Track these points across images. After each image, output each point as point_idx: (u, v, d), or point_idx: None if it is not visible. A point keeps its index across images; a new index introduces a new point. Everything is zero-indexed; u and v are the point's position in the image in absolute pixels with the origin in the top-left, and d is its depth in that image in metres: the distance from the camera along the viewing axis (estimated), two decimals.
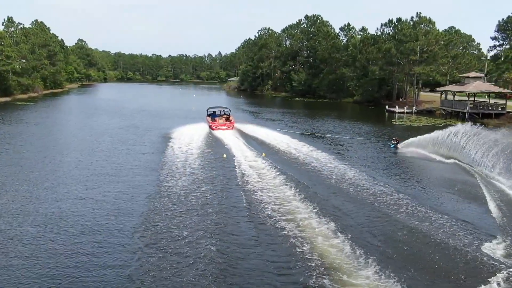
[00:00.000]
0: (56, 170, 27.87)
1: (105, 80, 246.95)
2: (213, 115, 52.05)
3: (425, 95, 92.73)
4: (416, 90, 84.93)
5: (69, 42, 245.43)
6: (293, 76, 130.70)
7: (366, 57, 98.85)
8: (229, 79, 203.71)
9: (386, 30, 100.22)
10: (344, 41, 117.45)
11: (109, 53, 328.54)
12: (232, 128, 47.16)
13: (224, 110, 54.44)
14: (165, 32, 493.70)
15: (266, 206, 20.78)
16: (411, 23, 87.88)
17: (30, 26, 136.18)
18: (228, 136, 42.58)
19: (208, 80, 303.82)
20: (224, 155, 32.51)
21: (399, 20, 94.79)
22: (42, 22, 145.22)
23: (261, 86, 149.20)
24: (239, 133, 45.15)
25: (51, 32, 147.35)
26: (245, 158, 31.86)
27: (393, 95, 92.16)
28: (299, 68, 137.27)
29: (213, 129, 46.29)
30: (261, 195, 22.53)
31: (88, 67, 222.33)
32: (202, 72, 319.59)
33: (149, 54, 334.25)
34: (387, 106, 79.03)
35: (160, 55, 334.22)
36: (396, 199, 22.13)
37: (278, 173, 27.08)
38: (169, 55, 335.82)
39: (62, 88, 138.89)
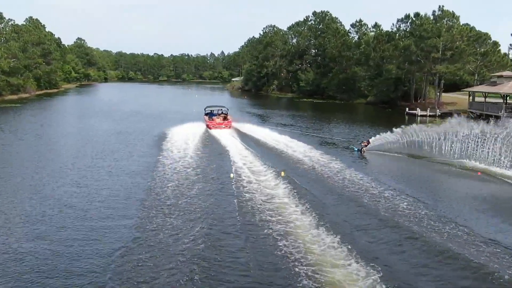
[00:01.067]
0: (10, 198, 20.97)
1: (105, 80, 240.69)
2: (210, 114, 51.56)
3: (444, 96, 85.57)
4: (438, 91, 77.68)
5: (69, 41, 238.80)
6: (300, 76, 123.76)
7: (381, 55, 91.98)
8: (233, 79, 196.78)
9: (402, 26, 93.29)
10: (356, 38, 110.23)
11: (110, 52, 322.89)
12: (230, 127, 46.34)
13: (221, 109, 53.75)
14: (166, 31, 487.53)
15: (296, 270, 13.78)
16: (431, 17, 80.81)
17: (24, 23, 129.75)
18: (235, 145, 35.83)
19: (211, 80, 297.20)
20: (231, 175, 25.57)
21: (417, 15, 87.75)
22: (37, 19, 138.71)
23: (266, 86, 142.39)
24: (249, 142, 38.46)
25: (46, 29, 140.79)
26: (259, 179, 24.89)
27: (410, 96, 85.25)
28: (306, 67, 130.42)
29: (210, 128, 45.73)
30: (287, 247, 15.50)
31: (88, 66, 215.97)
32: (204, 72, 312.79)
33: (151, 54, 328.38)
34: (407, 109, 71.93)
35: (162, 55, 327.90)
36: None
37: (308, 205, 19.99)
38: (171, 55, 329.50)
39: (57, 88, 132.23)
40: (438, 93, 77.21)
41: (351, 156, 34.07)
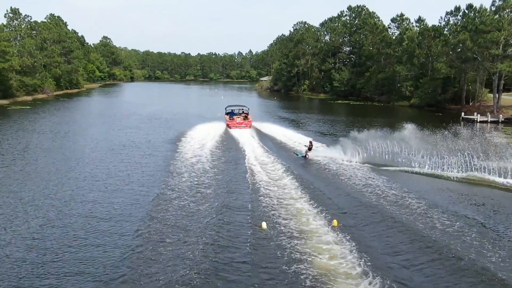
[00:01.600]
0: None
1: (131, 79, 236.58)
2: (231, 114, 50.99)
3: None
4: (497, 92, 67.41)
5: (97, 41, 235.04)
6: (335, 75, 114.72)
7: (426, 53, 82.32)
8: (261, 79, 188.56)
9: (452, 19, 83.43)
10: (396, 34, 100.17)
11: (138, 51, 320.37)
12: (250, 127, 45.96)
13: (242, 109, 52.71)
14: (194, 30, 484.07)
15: None
16: (489, 9, 70.90)
17: (45, 20, 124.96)
18: (263, 167, 27.59)
19: (238, 80, 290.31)
20: (263, 225, 17.27)
21: (470, 6, 77.86)
22: (58, 17, 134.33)
23: (297, 86, 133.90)
24: (282, 156, 30.63)
25: (70, 28, 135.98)
26: (303, 231, 16.62)
27: (461, 98, 75.43)
28: (341, 66, 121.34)
29: (230, 128, 45.58)
30: None
31: (113, 65, 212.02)
32: (232, 71, 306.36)
33: (178, 53, 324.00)
34: (462, 114, 62.38)
35: (189, 54, 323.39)
36: None
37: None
38: (198, 54, 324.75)
39: (79, 88, 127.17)
40: (497, 95, 66.99)
41: (436, 186, 24.84)
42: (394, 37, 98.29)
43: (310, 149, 31.37)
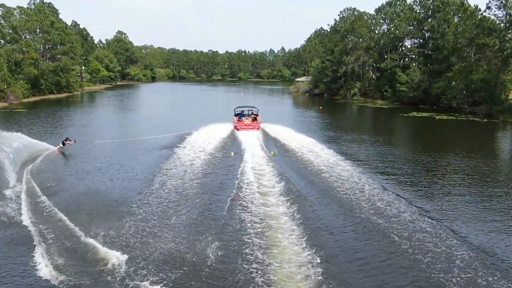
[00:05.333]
0: None
1: (153, 79, 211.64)
2: (240, 115, 48.36)
3: None
4: None
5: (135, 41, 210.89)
6: (401, 76, 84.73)
7: None
8: (297, 79, 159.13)
9: None
10: (501, 15, 69.05)
11: (163, 49, 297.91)
12: (258, 128, 44.00)
13: (252, 110, 50.10)
14: (222, 26, 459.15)
15: None
16: None
17: (28, 6, 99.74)
18: None
19: (269, 80, 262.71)
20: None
21: None
22: (49, 4, 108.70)
23: (344, 90, 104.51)
24: None
25: (59, 16, 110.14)
26: None
27: None
28: (408, 63, 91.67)
29: (237, 130, 43.65)
30: None
31: (129, 64, 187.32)
32: (262, 70, 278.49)
33: (205, 50, 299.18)
34: None
35: (216, 51, 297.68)
36: None
37: None
38: (227, 51, 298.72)
39: (70, 91, 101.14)
40: None
41: None
42: (497, 22, 67.35)
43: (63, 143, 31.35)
